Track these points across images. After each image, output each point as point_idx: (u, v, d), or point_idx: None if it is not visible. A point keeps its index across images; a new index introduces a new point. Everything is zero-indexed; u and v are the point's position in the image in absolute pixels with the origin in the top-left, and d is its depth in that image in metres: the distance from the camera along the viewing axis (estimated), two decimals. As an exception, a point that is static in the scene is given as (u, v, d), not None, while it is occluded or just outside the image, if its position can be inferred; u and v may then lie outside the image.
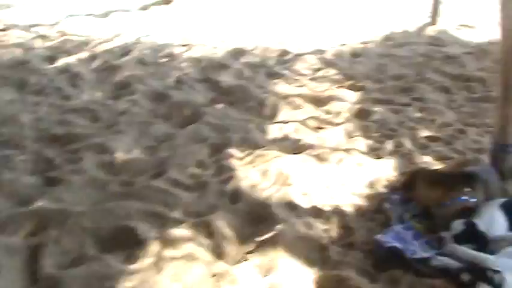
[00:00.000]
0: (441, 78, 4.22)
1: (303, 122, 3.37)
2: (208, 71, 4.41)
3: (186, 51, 5.00)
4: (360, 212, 2.39)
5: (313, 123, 3.39)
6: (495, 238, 1.97)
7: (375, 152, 2.99)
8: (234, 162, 2.82)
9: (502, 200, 2.17)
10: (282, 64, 4.64)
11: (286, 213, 2.32)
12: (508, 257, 1.85)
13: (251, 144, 3.05)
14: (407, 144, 3.07)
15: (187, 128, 3.29)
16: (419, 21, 6.29)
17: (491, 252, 1.92)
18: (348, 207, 2.41)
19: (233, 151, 2.94)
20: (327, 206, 2.42)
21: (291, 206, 2.39)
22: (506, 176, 2.49)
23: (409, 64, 4.59)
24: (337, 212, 2.37)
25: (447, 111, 3.59)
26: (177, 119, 3.46)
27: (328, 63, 4.64)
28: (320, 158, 2.90)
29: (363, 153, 2.99)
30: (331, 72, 4.41)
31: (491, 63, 4.32)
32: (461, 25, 6.14)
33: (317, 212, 2.37)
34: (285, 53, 4.94)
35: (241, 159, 2.88)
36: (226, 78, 4.18)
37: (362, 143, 3.10)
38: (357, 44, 5.33)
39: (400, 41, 5.43)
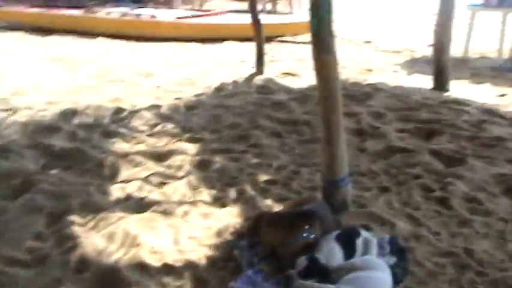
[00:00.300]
0: (272, 124, 4.50)
1: (145, 179, 3.34)
2: (37, 135, 4.15)
3: (9, 116, 4.67)
4: (211, 262, 2.42)
5: (156, 179, 3.37)
6: (334, 268, 2.13)
7: (219, 201, 3.06)
8: (76, 230, 2.67)
9: (337, 232, 2.37)
10: (117, 122, 4.56)
11: (137, 275, 2.25)
12: (346, 284, 2.01)
13: (93, 208, 2.92)
14: (249, 190, 3.19)
15: (19, 199, 3.03)
16: (246, 71, 6.70)
17: (333, 282, 2.07)
18: (199, 260, 2.42)
19: (74, 218, 2.79)
20: (178, 262, 2.40)
21: (142, 267, 2.32)
22: (337, 210, 2.74)
23: (242, 113, 4.82)
24: (189, 266, 2.36)
25: (281, 154, 3.82)
26: (6, 190, 3.18)
27: (164, 118, 4.68)
28: (166, 213, 2.88)
29: (208, 203, 3.04)
30: (169, 126, 4.45)
31: (313, 107, 4.74)
32: (285, 73, 6.67)
33: (169, 269, 2.33)
34: (119, 110, 4.88)
35: (83, 225, 2.74)
36: (58, 142, 3.98)
37: (206, 193, 3.16)
38: (191, 96, 5.47)
39: (232, 92, 5.70)
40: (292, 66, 7.13)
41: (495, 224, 2.74)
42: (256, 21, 6.50)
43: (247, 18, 6.75)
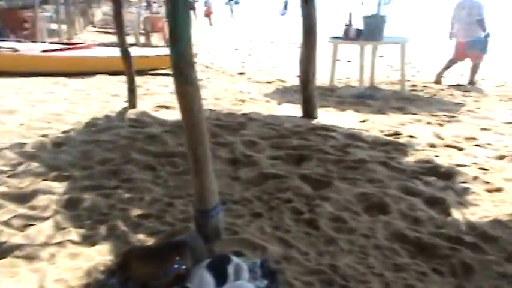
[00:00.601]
0: (146, 157, 4.41)
1: (5, 223, 3.09)
2: None
3: None
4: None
5: (18, 222, 3.13)
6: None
7: (88, 240, 2.92)
8: None
9: (208, 260, 2.37)
10: (-26, 164, 4.20)
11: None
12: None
13: None
14: (121, 225, 3.09)
15: None
16: (118, 105, 6.54)
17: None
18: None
19: None
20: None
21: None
22: (210, 238, 2.76)
23: (114, 148, 4.67)
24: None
25: (155, 187, 3.75)
26: None
27: (29, 157, 4.38)
28: (30, 257, 2.69)
29: (77, 243, 2.88)
30: (34, 165, 4.18)
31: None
32: (159, 106, 6.62)
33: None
34: (-23, 151, 4.50)
35: None
36: None
37: (74, 233, 3.00)
38: (59, 133, 5.20)
39: (103, 126, 5.51)
40: (166, 98, 7.11)
41: (357, 240, 2.93)
42: (126, 54, 6.40)
43: (118, 51, 6.63)
